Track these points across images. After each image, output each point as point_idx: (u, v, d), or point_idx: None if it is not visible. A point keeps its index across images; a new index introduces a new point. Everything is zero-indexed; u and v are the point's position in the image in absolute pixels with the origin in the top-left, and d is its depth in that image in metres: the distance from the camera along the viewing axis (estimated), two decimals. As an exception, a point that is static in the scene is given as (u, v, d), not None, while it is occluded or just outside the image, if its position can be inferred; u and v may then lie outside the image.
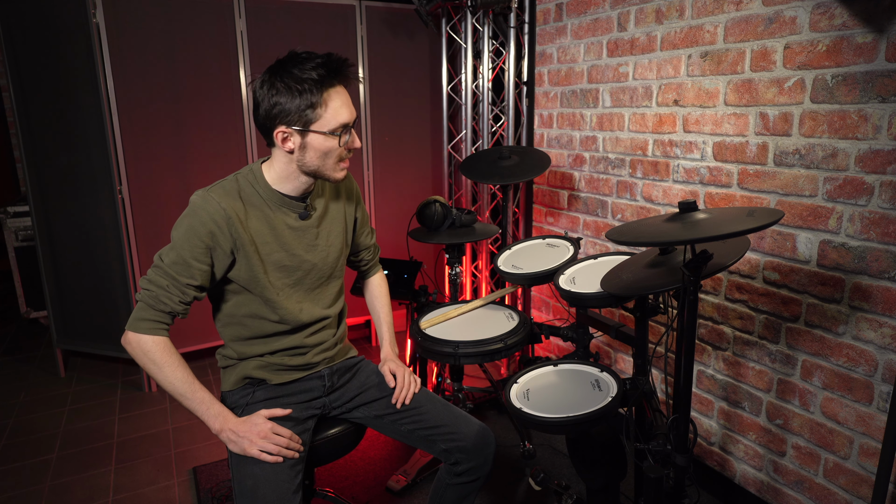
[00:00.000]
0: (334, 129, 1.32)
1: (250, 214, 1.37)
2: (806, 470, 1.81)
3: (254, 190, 1.39)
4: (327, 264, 1.51)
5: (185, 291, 1.32)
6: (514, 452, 2.39)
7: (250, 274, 1.37)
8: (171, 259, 1.31)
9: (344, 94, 1.33)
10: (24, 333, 3.87)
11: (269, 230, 1.39)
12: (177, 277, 1.30)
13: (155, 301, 1.31)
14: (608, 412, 1.36)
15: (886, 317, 1.56)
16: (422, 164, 3.52)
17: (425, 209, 2.22)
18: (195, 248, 1.30)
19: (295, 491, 1.33)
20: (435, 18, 3.13)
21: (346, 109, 1.33)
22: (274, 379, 1.48)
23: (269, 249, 1.40)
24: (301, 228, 1.45)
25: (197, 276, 1.32)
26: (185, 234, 1.30)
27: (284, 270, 1.43)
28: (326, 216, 1.51)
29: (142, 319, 1.31)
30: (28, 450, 2.50)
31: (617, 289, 1.47)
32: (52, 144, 2.88)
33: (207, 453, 2.46)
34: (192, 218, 1.30)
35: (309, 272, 1.47)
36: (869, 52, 1.52)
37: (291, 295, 1.45)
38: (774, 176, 1.80)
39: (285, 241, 1.42)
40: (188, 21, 2.81)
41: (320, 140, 1.32)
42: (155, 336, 1.32)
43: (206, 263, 1.32)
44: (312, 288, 1.50)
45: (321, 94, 1.28)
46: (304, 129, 1.30)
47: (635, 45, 2.26)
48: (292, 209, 1.43)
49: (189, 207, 1.32)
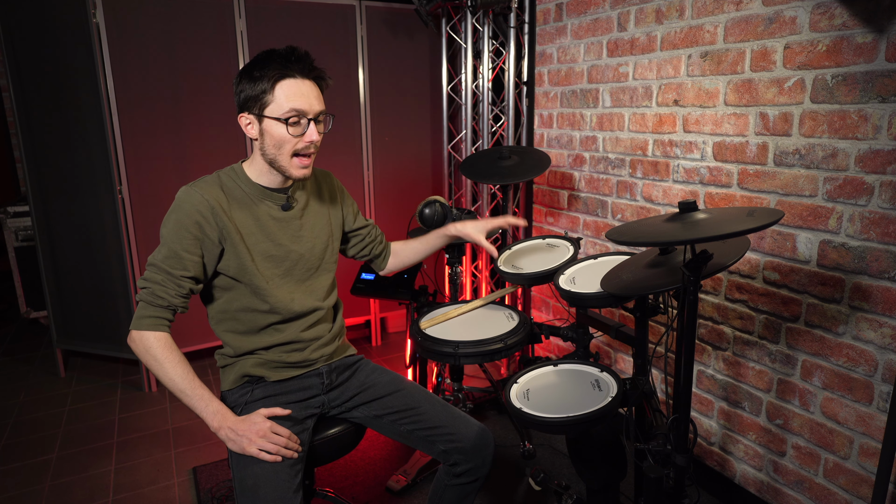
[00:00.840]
0: (285, 113, 1.33)
1: (233, 207, 1.41)
2: (806, 470, 1.81)
3: (236, 184, 1.43)
4: (314, 255, 1.53)
5: (181, 284, 1.35)
6: (514, 452, 2.39)
7: (238, 262, 1.40)
8: (163, 255, 1.35)
9: (303, 85, 1.35)
10: (24, 333, 3.87)
11: (253, 221, 1.43)
12: (171, 271, 1.34)
13: (153, 297, 1.34)
14: (608, 412, 1.36)
15: (886, 317, 1.56)
16: (422, 164, 3.52)
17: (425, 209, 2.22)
18: (184, 240, 1.34)
19: (296, 490, 1.33)
20: (435, 18, 3.13)
21: (301, 98, 1.34)
22: (272, 376, 1.48)
23: (255, 240, 1.43)
24: (284, 219, 1.48)
25: (190, 268, 1.35)
26: (173, 228, 1.35)
27: (272, 260, 1.45)
28: (308, 209, 1.54)
29: (143, 317, 1.34)
30: (28, 450, 2.50)
31: (617, 289, 1.47)
32: (52, 144, 2.88)
33: (207, 453, 2.46)
34: (178, 212, 1.35)
35: (297, 262, 1.49)
36: (869, 52, 1.52)
37: (282, 285, 1.47)
38: (774, 176, 1.80)
39: (270, 232, 1.45)
40: (188, 21, 2.81)
41: (273, 126, 1.34)
42: (156, 332, 1.34)
43: (196, 255, 1.36)
44: (303, 279, 1.51)
45: (276, 81, 1.32)
46: (260, 114, 1.35)
47: (635, 45, 2.26)
48: (274, 201, 1.46)
49: (174, 203, 1.37)
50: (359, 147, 3.30)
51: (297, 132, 1.36)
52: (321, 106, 1.39)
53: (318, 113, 1.38)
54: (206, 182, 1.40)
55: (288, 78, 1.33)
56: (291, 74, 1.33)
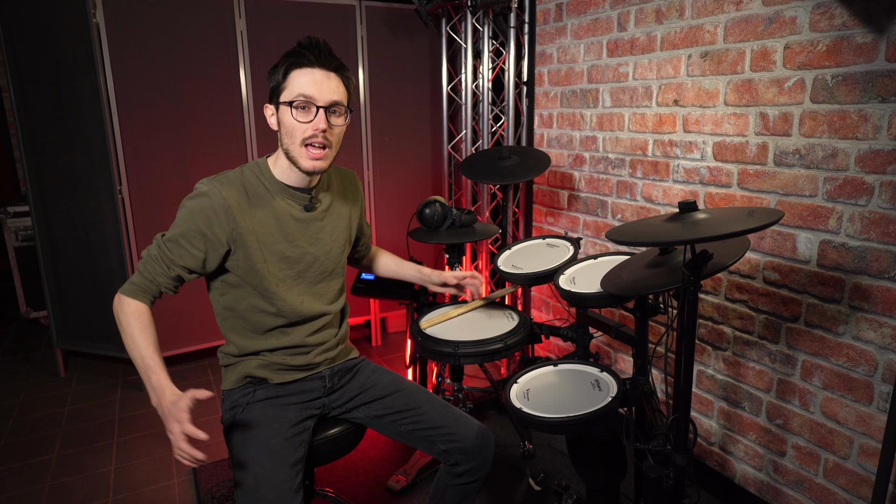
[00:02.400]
0: (293, 99, 1.32)
1: (254, 204, 1.39)
2: (806, 470, 1.81)
3: (259, 181, 1.41)
4: (330, 259, 1.52)
5: (171, 267, 1.35)
6: (514, 452, 2.39)
7: (248, 264, 1.39)
8: (167, 236, 1.36)
9: (315, 73, 1.33)
10: (24, 333, 3.87)
11: (273, 220, 1.41)
12: (167, 253, 1.35)
13: (143, 269, 1.35)
14: (608, 412, 1.36)
15: (886, 317, 1.56)
16: (422, 164, 3.52)
17: (425, 209, 2.22)
18: (190, 232, 1.33)
19: (296, 490, 1.33)
20: (435, 18, 3.13)
21: (310, 85, 1.32)
22: (275, 378, 1.48)
23: (272, 240, 1.41)
24: (305, 220, 1.46)
25: (185, 258, 1.35)
26: (184, 215, 1.35)
27: (287, 262, 1.44)
28: (331, 211, 1.53)
29: (130, 283, 1.35)
30: (28, 450, 2.50)
31: (617, 289, 1.47)
32: (52, 144, 2.88)
33: (207, 453, 2.45)
34: (193, 202, 1.34)
35: (311, 265, 1.48)
36: (869, 52, 1.52)
37: (293, 287, 1.46)
38: (774, 176, 1.80)
39: (289, 232, 1.43)
40: (188, 21, 2.81)
41: (284, 113, 1.35)
42: (134, 300, 1.34)
43: (198, 249, 1.35)
44: (315, 282, 1.50)
45: (290, 68, 1.33)
46: (277, 102, 1.36)
47: (635, 45, 2.26)
48: (297, 200, 1.45)
49: (193, 192, 1.36)
50: (359, 147, 3.30)
51: (303, 118, 1.33)
52: (336, 97, 1.35)
53: (329, 102, 1.34)
54: (227, 178, 1.38)
55: (302, 66, 1.33)
56: (304, 62, 1.33)
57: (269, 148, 3.02)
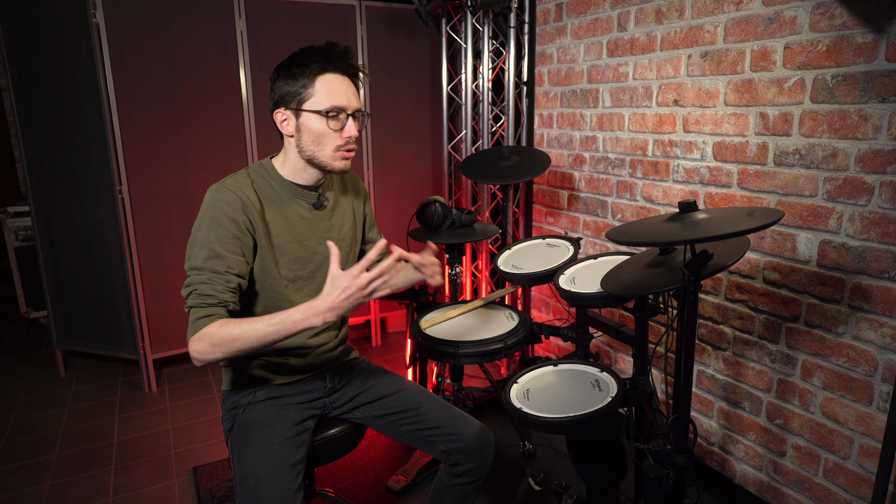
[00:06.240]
0: (327, 109, 1.33)
1: (264, 205, 1.39)
2: (806, 470, 1.81)
3: (266, 182, 1.41)
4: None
5: (228, 279, 1.28)
6: (514, 452, 2.39)
7: (261, 264, 1.38)
8: (203, 256, 1.27)
9: (341, 81, 1.36)
10: (24, 333, 3.87)
11: (283, 221, 1.41)
12: (215, 269, 1.27)
13: (201, 298, 1.25)
14: (608, 412, 1.36)
15: (886, 317, 1.56)
16: (422, 164, 3.52)
17: (425, 209, 2.22)
18: (224, 239, 1.29)
19: (297, 490, 1.33)
20: (435, 18, 3.13)
21: (341, 94, 1.35)
22: (276, 379, 1.48)
23: (283, 241, 1.41)
24: (314, 219, 1.47)
25: (234, 265, 1.30)
26: (209, 228, 1.29)
27: (298, 262, 1.44)
28: (337, 209, 1.54)
29: (196, 319, 1.23)
30: (28, 450, 2.50)
31: (617, 289, 1.47)
32: (52, 144, 2.88)
33: (207, 453, 2.46)
34: (214, 211, 1.30)
35: (321, 265, 1.48)
36: (869, 52, 1.52)
37: (303, 287, 1.46)
38: (774, 176, 1.80)
39: (299, 232, 1.44)
40: (188, 21, 2.81)
41: (313, 120, 1.34)
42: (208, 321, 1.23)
43: (237, 253, 1.31)
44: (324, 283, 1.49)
45: (316, 76, 1.33)
46: (298, 108, 1.34)
47: (635, 45, 2.26)
48: (305, 199, 1.45)
49: (206, 203, 1.32)
50: (359, 147, 3.30)
51: (336, 126, 1.36)
52: (358, 103, 1.40)
53: (355, 109, 1.38)
54: (236, 180, 1.37)
55: (329, 73, 1.34)
56: (332, 69, 1.34)
57: (269, 148, 3.02)
